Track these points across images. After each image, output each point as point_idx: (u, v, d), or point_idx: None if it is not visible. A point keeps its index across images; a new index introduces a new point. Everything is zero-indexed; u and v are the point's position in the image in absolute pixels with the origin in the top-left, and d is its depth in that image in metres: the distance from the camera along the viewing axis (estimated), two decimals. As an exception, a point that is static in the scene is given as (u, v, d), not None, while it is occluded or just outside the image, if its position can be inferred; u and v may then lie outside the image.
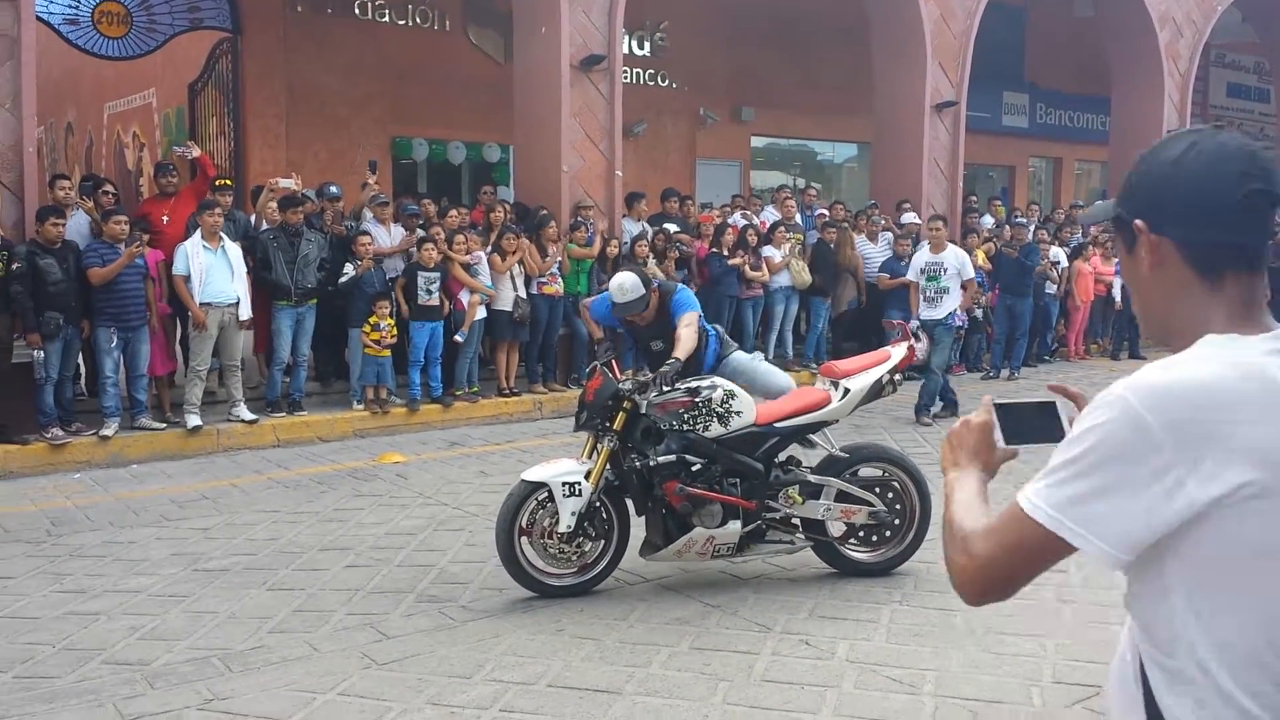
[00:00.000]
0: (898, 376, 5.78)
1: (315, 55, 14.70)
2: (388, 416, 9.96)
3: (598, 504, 5.40)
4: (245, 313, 9.27)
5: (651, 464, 5.36)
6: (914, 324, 10.77)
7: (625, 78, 13.84)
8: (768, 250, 12.57)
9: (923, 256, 10.82)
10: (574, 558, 5.40)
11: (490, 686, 4.30)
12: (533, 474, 5.41)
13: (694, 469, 5.40)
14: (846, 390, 5.60)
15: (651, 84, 17.58)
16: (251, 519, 6.93)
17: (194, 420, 9.01)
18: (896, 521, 5.68)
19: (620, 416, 5.42)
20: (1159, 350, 1.45)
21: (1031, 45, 21.76)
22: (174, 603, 5.35)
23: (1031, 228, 14.21)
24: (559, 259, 11.04)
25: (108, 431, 8.67)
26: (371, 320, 9.75)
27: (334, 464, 8.63)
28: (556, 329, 11.22)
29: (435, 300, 10.06)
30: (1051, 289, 14.14)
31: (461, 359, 10.57)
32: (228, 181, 10.49)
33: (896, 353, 5.83)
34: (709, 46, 17.68)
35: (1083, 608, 5.16)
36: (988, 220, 15.51)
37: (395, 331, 9.94)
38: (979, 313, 13.84)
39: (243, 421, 9.30)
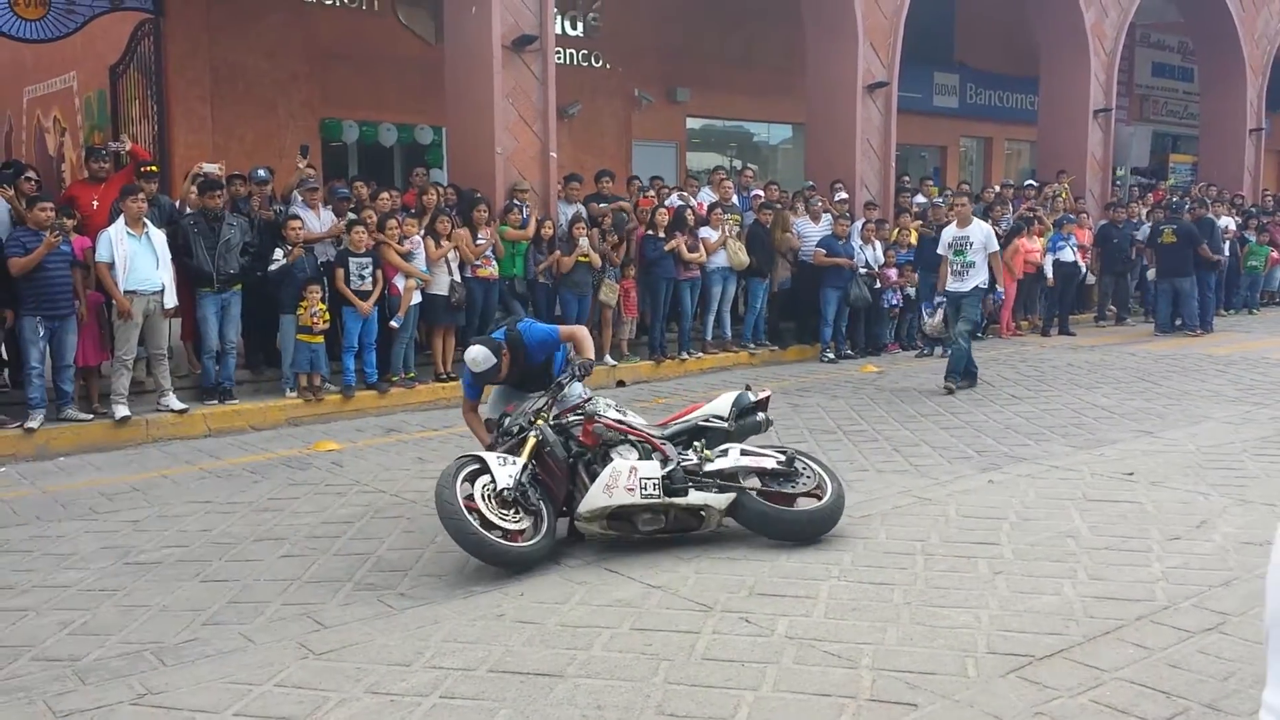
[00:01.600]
0: (766, 414, 6.33)
1: (240, 36, 14.41)
2: (322, 404, 9.83)
3: (529, 485, 5.53)
4: (171, 300, 9.07)
5: (566, 420, 5.83)
6: (938, 299, 11.22)
7: (558, 58, 13.78)
8: (704, 231, 12.59)
9: (951, 231, 11.18)
10: (514, 523, 5.44)
11: (430, 673, 4.27)
12: (476, 453, 5.66)
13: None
14: (720, 395, 6.31)
15: (585, 65, 17.49)
16: (183, 510, 6.81)
17: (122, 411, 8.82)
18: (803, 477, 5.96)
19: (540, 420, 5.77)
20: (1090, 326, 1.47)
21: (962, 26, 22.02)
22: (105, 597, 5.24)
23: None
24: (492, 242, 10.96)
25: (33, 424, 8.46)
26: (303, 305, 9.60)
27: (267, 453, 8.50)
28: (493, 312, 11.15)
29: (368, 285, 9.93)
30: None
31: (397, 344, 10.46)
32: (153, 167, 10.25)
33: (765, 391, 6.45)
34: (642, 26, 17.62)
35: (1015, 579, 5.26)
36: (920, 199, 15.68)
37: (328, 317, 9.80)
38: (911, 291, 14.01)
39: (172, 411, 9.13)
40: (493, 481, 5.41)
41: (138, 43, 14.15)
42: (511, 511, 5.45)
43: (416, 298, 10.38)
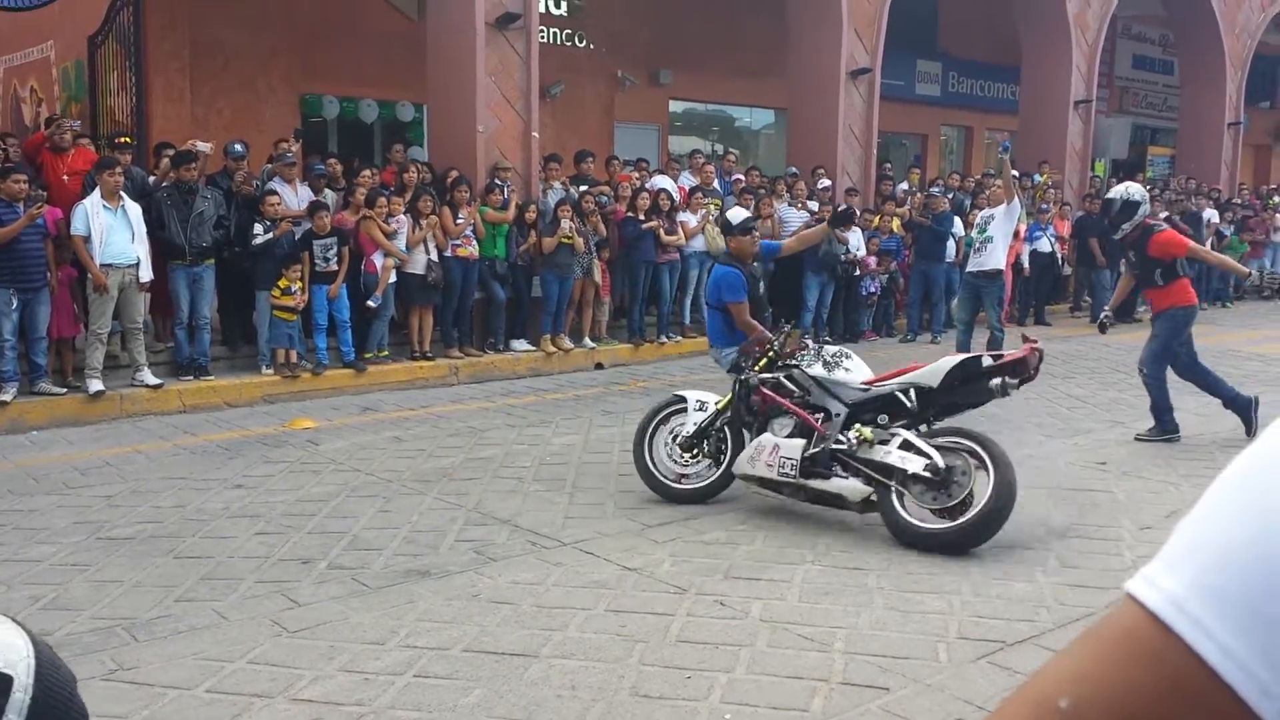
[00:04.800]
0: (1012, 380, 5.73)
1: (220, 8, 14.23)
2: (298, 381, 9.78)
3: (720, 429, 6.31)
4: (146, 274, 9.00)
5: (753, 381, 6.17)
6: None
7: (542, 37, 13.67)
8: (683, 215, 12.56)
9: (984, 213, 11.38)
10: (689, 466, 6.39)
11: (404, 653, 4.26)
12: (681, 391, 6.64)
13: (791, 392, 6.13)
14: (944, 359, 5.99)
15: (568, 44, 17.38)
16: (157, 486, 6.76)
17: (96, 385, 8.74)
18: (956, 487, 5.49)
19: (763, 361, 6.27)
20: (1066, 316, 1.47)
21: (946, 13, 21.99)
22: (76, 572, 5.20)
23: (948, 197, 14.36)
24: (471, 221, 10.90)
25: (5, 397, 8.38)
26: (281, 284, 9.54)
27: (243, 430, 8.46)
28: (472, 292, 11.10)
29: (334, 267, 9.90)
30: (951, 256, 14.18)
31: (377, 322, 10.42)
32: (128, 139, 10.14)
33: (1012, 351, 5.91)
34: (626, 6, 17.52)
35: (988, 566, 5.30)
36: (903, 186, 15.69)
37: (306, 296, 9.76)
38: (884, 279, 14.04)
39: (147, 386, 9.06)
40: (684, 424, 6.39)
41: (116, 13, 13.93)
42: (690, 455, 6.37)
43: (392, 277, 10.32)
